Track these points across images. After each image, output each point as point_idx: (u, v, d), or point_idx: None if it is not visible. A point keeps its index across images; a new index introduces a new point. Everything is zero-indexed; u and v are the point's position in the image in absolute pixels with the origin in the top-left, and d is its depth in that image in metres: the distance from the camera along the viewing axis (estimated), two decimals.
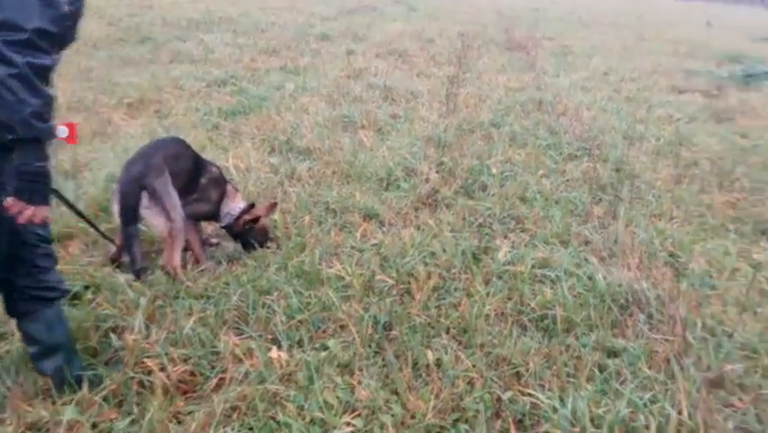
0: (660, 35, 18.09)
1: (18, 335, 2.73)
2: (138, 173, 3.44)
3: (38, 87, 1.98)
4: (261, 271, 3.63)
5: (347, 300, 3.39)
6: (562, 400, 2.72)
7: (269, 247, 3.96)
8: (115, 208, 3.47)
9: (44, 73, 2.01)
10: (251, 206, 3.97)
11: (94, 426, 2.48)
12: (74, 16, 2.13)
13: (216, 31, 12.40)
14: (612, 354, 3.12)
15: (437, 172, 5.36)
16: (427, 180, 5.14)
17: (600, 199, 5.08)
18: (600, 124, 7.38)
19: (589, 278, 3.70)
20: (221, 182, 3.96)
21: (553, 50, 13.75)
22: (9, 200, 2.10)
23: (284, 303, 3.30)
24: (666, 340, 3.14)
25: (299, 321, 3.20)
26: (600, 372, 2.95)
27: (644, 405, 2.68)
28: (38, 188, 2.12)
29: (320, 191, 4.87)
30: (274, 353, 2.94)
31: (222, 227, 4.03)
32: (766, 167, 6.17)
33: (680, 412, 2.61)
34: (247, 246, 3.99)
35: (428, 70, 10.32)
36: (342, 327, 3.19)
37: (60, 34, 2.05)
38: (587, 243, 4.29)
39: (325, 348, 3.01)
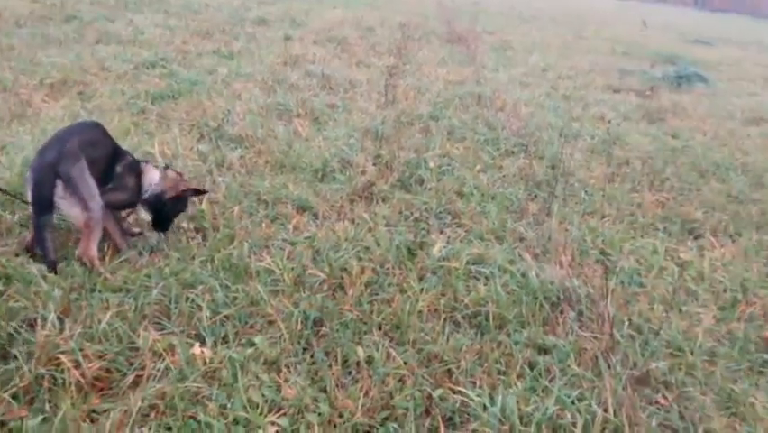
0: (598, 34, 18.46)
1: None
2: (52, 159, 3.25)
3: None
4: (186, 263, 3.51)
5: (276, 295, 3.32)
6: (491, 397, 2.73)
7: (192, 238, 3.79)
8: (29, 196, 3.27)
9: None
10: (166, 167, 3.84)
11: (2, 424, 2.37)
12: None
13: (147, 11, 11.98)
14: (543, 351, 3.15)
15: (374, 165, 5.30)
16: (364, 173, 5.08)
17: (535, 196, 5.12)
18: (537, 120, 7.45)
19: (523, 275, 3.72)
20: (135, 167, 3.74)
21: (493, 44, 13.85)
22: None
23: (209, 297, 3.20)
24: (595, 338, 3.17)
25: (225, 316, 3.11)
26: (531, 369, 2.98)
27: (572, 403, 2.73)
28: None
29: (251, 181, 4.75)
30: (197, 349, 2.85)
31: (145, 200, 3.77)
32: (694, 168, 6.34)
33: (605, 410, 2.66)
34: (162, 223, 3.78)
35: (368, 60, 10.22)
36: (270, 322, 3.12)
37: None
38: (521, 239, 4.31)
39: (252, 344, 2.93)
